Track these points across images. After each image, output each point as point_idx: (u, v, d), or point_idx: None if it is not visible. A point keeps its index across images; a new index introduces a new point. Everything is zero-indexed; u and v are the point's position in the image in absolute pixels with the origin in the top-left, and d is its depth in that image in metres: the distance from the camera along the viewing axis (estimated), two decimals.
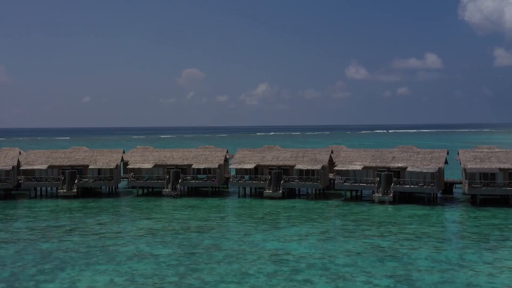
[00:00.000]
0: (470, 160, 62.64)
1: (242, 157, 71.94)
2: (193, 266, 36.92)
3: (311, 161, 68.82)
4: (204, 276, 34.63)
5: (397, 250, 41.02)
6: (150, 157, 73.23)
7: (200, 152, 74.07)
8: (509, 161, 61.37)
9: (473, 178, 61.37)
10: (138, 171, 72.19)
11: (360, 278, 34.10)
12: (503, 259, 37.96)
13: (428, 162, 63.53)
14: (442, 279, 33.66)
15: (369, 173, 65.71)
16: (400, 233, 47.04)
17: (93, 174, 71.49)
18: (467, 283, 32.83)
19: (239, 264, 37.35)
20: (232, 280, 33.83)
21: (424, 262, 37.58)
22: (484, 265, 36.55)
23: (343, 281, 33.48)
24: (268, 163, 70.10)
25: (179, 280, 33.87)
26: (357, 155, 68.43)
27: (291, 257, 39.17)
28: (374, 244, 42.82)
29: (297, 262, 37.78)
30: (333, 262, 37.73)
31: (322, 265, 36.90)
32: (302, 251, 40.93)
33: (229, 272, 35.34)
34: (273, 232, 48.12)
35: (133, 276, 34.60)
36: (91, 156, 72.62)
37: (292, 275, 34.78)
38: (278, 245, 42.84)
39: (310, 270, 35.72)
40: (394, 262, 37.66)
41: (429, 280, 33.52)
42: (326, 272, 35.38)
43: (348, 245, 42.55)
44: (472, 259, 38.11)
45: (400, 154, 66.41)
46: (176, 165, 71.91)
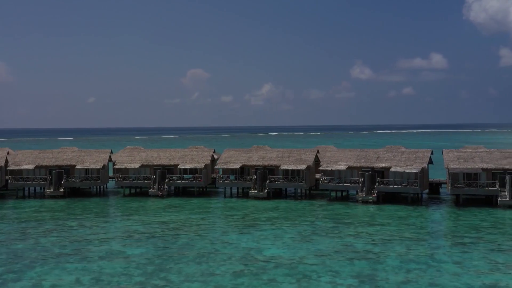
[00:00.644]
0: (454, 160, 62.60)
1: (229, 157, 72.14)
2: (163, 266, 37.11)
3: (296, 161, 68.94)
4: (170, 276, 34.82)
5: (369, 250, 41.08)
6: (137, 157, 73.56)
7: (187, 152, 74.34)
8: (492, 161, 61.30)
9: (456, 178, 61.35)
10: (125, 171, 72.51)
11: (325, 278, 34.20)
12: (472, 260, 37.95)
13: (412, 162, 63.54)
14: (406, 279, 33.73)
15: (354, 173, 65.77)
16: (377, 233, 47.11)
17: (80, 174, 71.86)
18: (430, 283, 32.87)
19: (208, 264, 37.51)
20: (197, 279, 34.00)
21: (393, 262, 37.64)
22: (452, 265, 36.58)
23: (308, 281, 33.58)
24: (254, 163, 70.26)
25: (145, 280, 34.07)
26: (342, 155, 68.50)
27: (261, 257, 39.33)
28: (348, 244, 42.90)
29: (266, 262, 37.92)
30: (302, 262, 37.83)
31: (290, 265, 37.01)
32: (274, 251, 41.09)
33: (196, 272, 35.52)
34: (250, 232, 48.28)
35: (100, 275, 34.82)
36: (79, 156, 73.02)
37: (258, 274, 34.93)
38: (252, 245, 43.00)
39: (277, 270, 35.85)
40: (363, 262, 37.73)
41: (393, 280, 33.58)
42: (293, 271, 35.49)
43: (321, 245, 42.63)
44: (442, 259, 38.14)
45: (384, 154, 66.44)
46: (162, 165, 72.21)
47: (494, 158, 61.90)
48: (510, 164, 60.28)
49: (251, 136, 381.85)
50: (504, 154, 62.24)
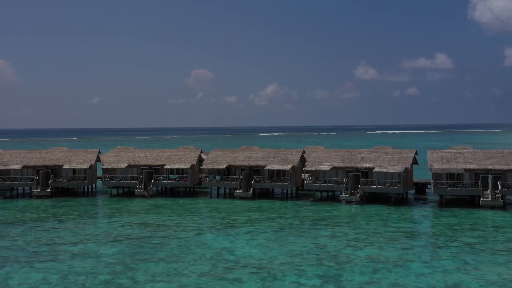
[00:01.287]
0: (437, 160, 62.57)
1: (215, 158, 72.38)
2: (132, 265, 37.36)
3: (281, 162, 69.09)
4: (137, 275, 35.05)
5: (340, 250, 41.19)
6: (124, 158, 73.90)
7: (174, 153, 74.65)
8: (475, 162, 61.24)
9: (439, 179, 61.34)
10: (112, 171, 72.87)
11: (290, 278, 34.33)
12: (441, 260, 38.02)
13: (395, 163, 63.56)
14: (371, 279, 33.83)
15: (339, 173, 65.84)
16: (353, 233, 47.20)
17: (68, 174, 72.28)
18: (392, 283, 32.96)
19: (178, 263, 37.73)
20: (163, 279, 34.22)
21: (361, 262, 37.73)
22: (419, 265, 36.64)
23: (272, 281, 33.73)
24: (240, 163, 70.45)
25: (111, 279, 34.32)
26: (327, 155, 68.59)
27: (232, 257, 39.50)
28: (321, 245, 43.03)
29: (235, 262, 38.09)
30: (271, 262, 37.97)
31: (258, 265, 37.18)
32: (246, 251, 41.25)
33: (163, 272, 35.74)
34: (227, 231, 48.49)
35: (67, 274, 35.11)
36: (66, 156, 73.46)
37: (224, 274, 35.11)
38: (225, 245, 43.19)
39: (244, 270, 36.01)
40: (332, 262, 37.83)
41: (357, 280, 33.70)
42: (259, 271, 35.65)
43: (295, 246, 42.74)
44: (411, 259, 38.21)
45: (369, 155, 66.49)
46: (149, 165, 72.54)
47: (478, 158, 61.83)
48: (493, 165, 60.21)
49: (251, 136, 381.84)
50: (488, 155, 62.15)
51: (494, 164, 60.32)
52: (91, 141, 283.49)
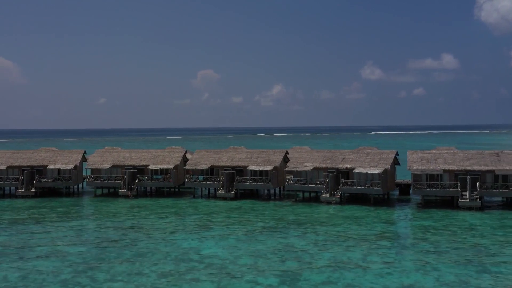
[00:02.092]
0: (417, 161, 62.55)
1: (199, 158, 72.68)
2: (95, 264, 37.65)
3: (264, 162, 69.28)
4: (97, 274, 35.30)
5: (307, 250, 41.31)
6: (109, 158, 74.33)
7: (158, 153, 75.02)
8: (455, 163, 61.17)
9: (419, 180, 61.32)
10: (97, 171, 73.32)
11: (248, 277, 34.48)
12: (403, 260, 38.06)
13: (375, 163, 63.58)
14: (328, 279, 33.95)
15: (320, 174, 65.91)
16: (324, 233, 47.29)
17: (53, 174, 72.78)
18: (349, 283, 33.06)
19: (141, 263, 37.96)
20: (122, 279, 34.45)
21: (323, 262, 37.85)
22: (380, 266, 36.69)
23: (229, 280, 33.89)
24: (223, 163, 70.68)
25: (70, 277, 34.62)
26: (309, 156, 68.71)
27: (197, 256, 39.70)
28: (289, 245, 43.13)
29: (199, 262, 38.27)
30: (234, 262, 38.13)
31: (220, 265, 37.34)
32: (212, 250, 41.46)
33: (124, 272, 35.97)
34: (199, 232, 48.72)
35: (29, 273, 35.43)
36: (51, 157, 73.98)
37: (184, 274, 35.29)
38: (194, 245, 43.42)
39: (205, 270, 36.18)
40: (294, 262, 37.96)
41: (315, 279, 33.82)
42: (220, 271, 35.80)
43: (262, 245, 42.90)
44: (373, 260, 38.25)
45: (350, 155, 66.55)
46: (133, 165, 72.93)
47: (457, 159, 61.75)
48: (472, 165, 60.13)
49: (252, 137, 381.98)
50: (467, 155, 62.06)
51: (473, 165, 60.24)
52: (92, 142, 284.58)
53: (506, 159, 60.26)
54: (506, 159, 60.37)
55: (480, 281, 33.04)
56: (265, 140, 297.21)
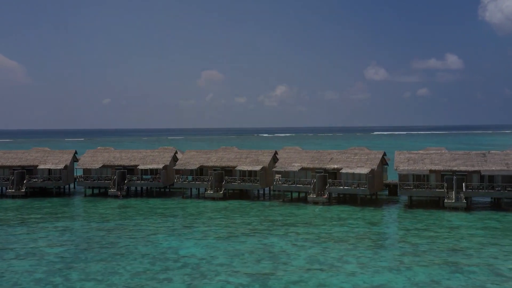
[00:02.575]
0: (403, 161, 62.51)
1: (189, 158, 72.86)
2: (72, 264, 37.85)
3: (252, 162, 69.40)
4: (72, 274, 35.51)
5: (285, 250, 41.39)
6: (100, 158, 74.61)
7: (148, 153, 75.27)
8: (441, 163, 61.10)
9: (406, 180, 61.30)
10: (88, 171, 73.62)
11: (220, 277, 34.59)
12: (378, 260, 38.05)
13: (363, 164, 63.58)
14: (300, 279, 34.00)
15: (308, 174, 65.94)
16: (305, 233, 47.37)
17: (43, 174, 73.12)
18: (320, 283, 33.13)
19: (118, 263, 38.15)
20: (95, 278, 34.66)
21: (299, 262, 37.93)
22: (354, 266, 36.71)
23: (201, 280, 34.02)
24: (212, 164, 70.84)
25: (44, 277, 34.85)
26: (297, 156, 68.76)
27: (174, 256, 39.87)
28: (268, 245, 43.24)
29: (175, 261, 38.43)
30: (209, 262, 38.26)
31: (196, 265, 37.49)
32: (191, 250, 41.62)
33: (99, 271, 36.16)
34: (182, 232, 48.89)
35: (4, 273, 35.68)
36: (42, 157, 74.34)
37: (157, 273, 35.44)
38: (173, 245, 43.59)
39: (180, 270, 36.32)
40: (270, 261, 38.07)
41: (286, 279, 33.89)
42: (194, 271, 35.93)
43: (241, 245, 43.02)
44: (349, 260, 38.28)
45: (338, 156, 66.58)
46: (123, 165, 73.17)
47: (444, 159, 61.69)
48: (458, 166, 60.04)
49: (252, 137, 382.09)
50: (454, 156, 62.00)
51: (460, 165, 60.16)
52: (93, 142, 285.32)
53: (492, 160, 60.17)
54: (493, 159, 60.27)
55: (451, 281, 33.06)
56: (266, 141, 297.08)
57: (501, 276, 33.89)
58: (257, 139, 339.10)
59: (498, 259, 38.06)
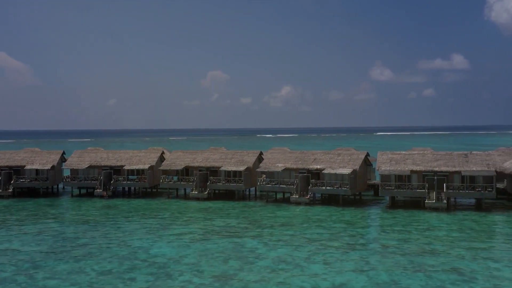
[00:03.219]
0: (386, 162, 62.54)
1: (174, 159, 73.20)
2: (40, 263, 38.18)
3: (237, 163, 69.63)
4: (38, 273, 35.82)
5: (254, 250, 41.57)
6: (86, 158, 75.07)
7: (135, 154, 75.67)
8: (423, 163, 61.10)
9: (388, 180, 61.33)
10: (75, 172, 74.09)
11: (184, 277, 34.77)
12: (345, 260, 38.16)
13: (345, 164, 63.67)
14: (262, 278, 34.16)
15: (292, 175, 66.09)
16: (280, 234, 47.51)
17: (31, 175, 73.66)
18: (280, 282, 33.27)
19: (86, 262, 38.46)
20: (60, 277, 34.93)
21: (266, 262, 38.06)
22: (319, 266, 36.81)
23: (164, 280, 34.19)
24: (197, 164, 71.13)
25: (10, 276, 35.17)
26: (282, 156, 68.93)
27: (144, 256, 40.09)
28: (239, 244, 43.45)
29: (143, 261, 38.66)
30: (178, 261, 38.47)
31: (163, 264, 37.72)
32: (161, 250, 41.83)
33: (65, 270, 36.46)
34: (157, 232, 49.14)
35: None
36: (29, 157, 74.91)
37: (123, 273, 35.68)
38: (146, 244, 43.82)
39: (145, 269, 36.54)
40: (237, 261, 38.23)
41: (249, 279, 34.05)
42: (159, 271, 36.15)
43: (213, 245, 43.24)
44: (316, 260, 38.41)
45: (321, 156, 66.70)
46: (110, 166, 73.58)
47: (426, 160, 61.68)
48: (440, 166, 60.03)
49: (254, 137, 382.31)
50: (436, 156, 61.97)
51: (441, 166, 60.14)
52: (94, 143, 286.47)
53: (473, 160, 60.12)
54: (474, 160, 60.22)
55: (412, 281, 33.12)
56: (267, 141, 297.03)
57: (462, 276, 33.93)
58: (258, 139, 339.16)
59: (464, 259, 38.08)
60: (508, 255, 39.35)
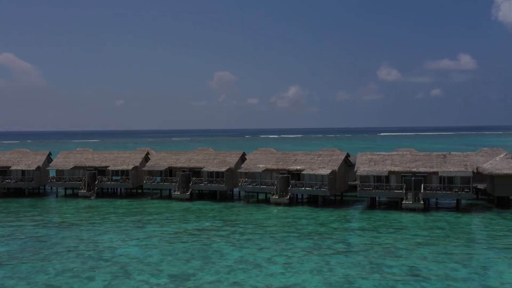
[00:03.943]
0: (365, 163, 62.58)
1: (158, 159, 73.62)
2: (5, 263, 38.63)
3: (219, 164, 69.91)
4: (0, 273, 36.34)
5: (220, 250, 41.81)
6: (72, 159, 75.66)
7: (120, 155, 76.16)
8: (401, 164, 61.09)
9: (366, 181, 61.34)
10: (61, 172, 74.71)
11: (142, 277, 34.99)
12: (306, 261, 38.21)
13: (325, 165, 63.76)
14: (218, 278, 34.34)
15: (273, 176, 66.25)
16: (250, 233, 47.72)
17: (17, 175, 74.35)
18: (235, 282, 33.44)
19: (49, 261, 38.88)
20: (19, 276, 35.33)
21: (227, 262, 38.29)
22: (277, 266, 36.87)
23: (122, 279, 34.51)
24: (180, 165, 71.50)
25: None
26: (263, 157, 69.14)
27: (109, 256, 40.38)
28: (207, 244, 43.72)
29: (106, 260, 38.94)
30: (141, 261, 38.68)
31: (125, 264, 37.98)
32: (128, 250, 42.12)
33: (26, 269, 36.82)
34: (130, 232, 49.49)
35: None
36: (16, 158, 75.63)
37: (82, 272, 35.99)
38: (115, 244, 44.16)
39: (106, 268, 36.85)
40: (199, 261, 38.46)
41: (205, 279, 34.28)
42: (120, 270, 36.46)
43: (180, 245, 43.53)
44: (277, 260, 38.50)
45: (302, 157, 66.85)
46: (95, 167, 74.11)
47: (404, 161, 61.65)
48: (418, 167, 59.99)
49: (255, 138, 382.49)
50: (415, 157, 61.94)
51: (419, 166, 60.10)
52: (94, 144, 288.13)
53: (452, 161, 60.03)
54: (452, 160, 60.13)
55: (366, 282, 33.21)
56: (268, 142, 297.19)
57: (416, 277, 33.97)
58: (259, 140, 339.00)
59: (425, 260, 38.09)
60: (469, 256, 39.31)
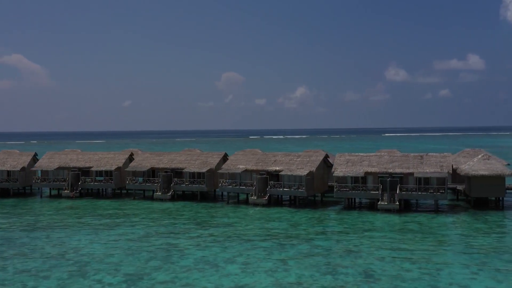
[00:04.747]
0: (342, 164, 62.61)
1: (141, 160, 74.05)
2: None
3: (201, 164, 70.20)
4: None
5: (183, 250, 42.10)
6: (56, 160, 76.28)
7: (104, 155, 76.70)
8: (378, 165, 61.05)
9: (343, 182, 61.38)
10: (45, 173, 75.37)
11: (97, 276, 35.34)
12: (266, 261, 38.34)
13: (303, 166, 63.87)
14: (172, 279, 34.48)
15: (252, 176, 66.43)
16: (220, 234, 47.89)
17: (2, 176, 75.06)
18: (187, 283, 33.66)
19: (11, 260, 39.21)
20: None
21: (187, 262, 38.50)
22: (237, 266, 37.05)
23: (77, 278, 34.81)
24: (163, 165, 71.88)
25: None
26: (244, 158, 69.35)
27: (72, 255, 40.72)
28: (172, 244, 44.01)
29: (67, 259, 39.29)
30: (100, 261, 38.96)
31: (84, 263, 38.27)
32: (91, 249, 42.48)
33: None
34: (100, 232, 49.87)
35: None
36: (1, 159, 76.38)
37: (40, 272, 36.31)
38: (81, 244, 44.55)
39: (64, 268, 37.10)
40: (159, 261, 38.72)
41: (159, 279, 34.50)
42: (78, 269, 36.85)
43: (146, 245, 43.85)
44: (236, 260, 38.63)
45: (281, 158, 66.99)
46: (79, 167, 74.67)
47: (382, 162, 61.63)
48: (394, 168, 59.96)
49: (258, 139, 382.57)
50: (392, 158, 61.89)
51: (396, 167, 60.06)
52: (98, 144, 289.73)
53: (428, 162, 59.93)
54: (429, 161, 60.03)
55: (318, 282, 33.20)
56: (269, 143, 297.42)
57: (368, 278, 34.01)
58: (261, 141, 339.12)
59: (382, 261, 38.10)
60: (428, 257, 39.26)
